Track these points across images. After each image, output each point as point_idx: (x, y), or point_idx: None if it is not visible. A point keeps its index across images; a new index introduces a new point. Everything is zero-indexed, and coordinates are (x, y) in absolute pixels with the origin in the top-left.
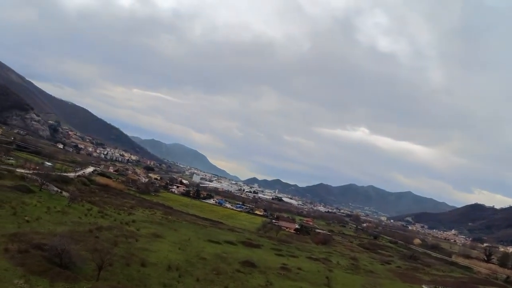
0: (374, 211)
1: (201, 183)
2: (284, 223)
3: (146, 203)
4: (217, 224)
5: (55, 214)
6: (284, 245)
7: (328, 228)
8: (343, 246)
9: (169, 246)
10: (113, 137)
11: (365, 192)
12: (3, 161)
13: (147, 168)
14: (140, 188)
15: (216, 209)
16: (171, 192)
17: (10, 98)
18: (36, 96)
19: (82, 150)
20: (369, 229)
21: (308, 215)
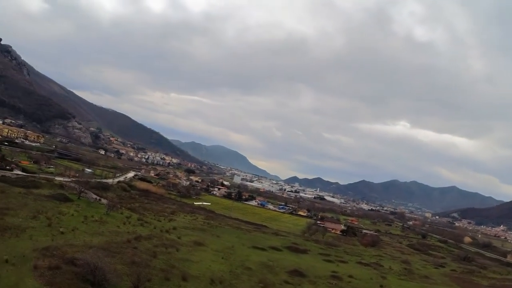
0: (418, 207)
1: (242, 184)
2: (329, 224)
3: (187, 207)
4: (261, 228)
5: (92, 224)
6: (332, 249)
7: (374, 227)
8: (392, 247)
9: (212, 255)
10: (153, 141)
11: (407, 188)
12: (43, 169)
13: (188, 171)
14: (181, 191)
15: (259, 211)
16: (212, 194)
17: (53, 108)
18: (77, 105)
19: (124, 155)
20: (415, 227)
21: (352, 214)
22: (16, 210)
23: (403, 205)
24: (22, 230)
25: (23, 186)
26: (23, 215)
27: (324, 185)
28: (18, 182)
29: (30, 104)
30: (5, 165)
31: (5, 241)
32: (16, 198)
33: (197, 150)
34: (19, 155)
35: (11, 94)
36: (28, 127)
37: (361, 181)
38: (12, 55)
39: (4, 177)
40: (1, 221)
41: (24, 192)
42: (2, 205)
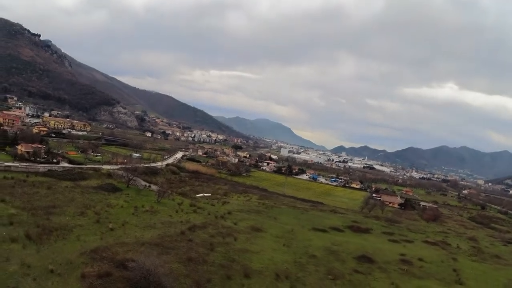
0: (468, 174)
1: (290, 157)
2: (386, 197)
3: (239, 187)
4: (317, 205)
5: (142, 215)
6: (394, 226)
7: (430, 198)
8: (454, 221)
9: (272, 243)
10: (198, 119)
11: (457, 154)
12: (90, 158)
13: (235, 147)
14: (230, 170)
15: (311, 186)
16: (262, 170)
17: (97, 96)
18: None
19: (170, 135)
20: (471, 196)
21: (404, 183)
22: (63, 207)
23: (453, 172)
24: (69, 230)
25: (70, 179)
26: (70, 212)
27: (371, 153)
28: (65, 175)
29: (75, 94)
30: (52, 158)
31: (51, 245)
32: (63, 193)
33: (241, 124)
34: (66, 145)
35: (55, 86)
36: (75, 117)
37: (409, 148)
38: (53, 49)
39: (51, 171)
40: (47, 221)
41: (71, 185)
42: (49, 203)
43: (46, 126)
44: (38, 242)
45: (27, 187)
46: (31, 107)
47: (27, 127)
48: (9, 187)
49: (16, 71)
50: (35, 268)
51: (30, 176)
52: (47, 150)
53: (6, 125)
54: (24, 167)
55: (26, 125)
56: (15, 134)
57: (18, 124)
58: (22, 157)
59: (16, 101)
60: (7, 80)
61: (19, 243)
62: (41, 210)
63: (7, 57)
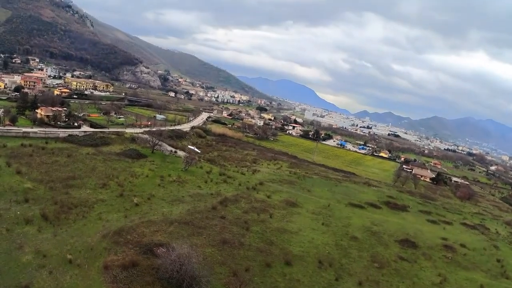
0: (493, 148)
1: (314, 120)
2: (417, 170)
3: (268, 152)
4: (350, 176)
5: (169, 187)
6: (430, 204)
7: (459, 173)
8: (487, 201)
9: (310, 220)
10: (221, 79)
11: (483, 127)
12: (113, 120)
13: (260, 109)
14: (257, 133)
15: (340, 153)
16: (288, 134)
17: (119, 56)
18: (143, 50)
19: (193, 95)
20: (500, 174)
21: (431, 154)
22: (83, 178)
23: (477, 145)
24: (90, 207)
25: (91, 145)
26: (91, 184)
27: (395, 120)
28: (86, 140)
29: (97, 55)
30: (73, 121)
31: (70, 227)
32: (83, 161)
33: (264, 85)
34: (88, 107)
35: (77, 47)
36: (97, 77)
37: (433, 117)
38: (74, 9)
39: (72, 136)
40: (66, 197)
41: (92, 152)
42: (68, 173)
43: (68, 87)
44: (55, 223)
45: (46, 155)
46: (53, 68)
47: (48, 89)
48: (27, 156)
49: (37, 33)
50: (51, 257)
51: (49, 142)
52: (68, 113)
53: (28, 88)
54: (43, 132)
55: (47, 87)
56: (35, 97)
57: (39, 86)
58: (42, 121)
59: (38, 62)
60: (29, 42)
61: (34, 225)
62: (60, 183)
63: (28, 18)
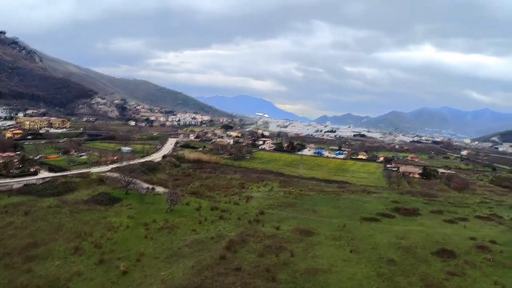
0: (452, 133)
1: (280, 132)
2: (405, 167)
3: (251, 173)
4: (344, 185)
5: (159, 237)
6: (435, 202)
7: (438, 164)
8: (482, 188)
9: (335, 249)
10: (180, 102)
11: (439, 115)
12: (74, 160)
13: (225, 127)
14: (232, 153)
15: (321, 162)
16: (262, 149)
17: (73, 89)
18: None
19: (155, 122)
20: (473, 158)
21: (401, 149)
22: (48, 243)
23: (437, 133)
24: None
25: (53, 194)
26: (59, 251)
27: (355, 120)
28: (46, 189)
29: (49, 90)
30: (28, 167)
31: None
32: (46, 218)
33: (222, 103)
34: (45, 148)
35: (27, 84)
36: (52, 114)
37: (391, 112)
38: (20, 45)
39: (28, 186)
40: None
41: (55, 204)
42: (28, 238)
43: (21, 128)
44: None
45: None
46: (3, 109)
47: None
48: None
49: None
50: None
51: (1, 197)
52: (22, 158)
53: None
54: None
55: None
56: None
57: None
58: None
59: None
60: None
61: None
62: (18, 255)
63: None
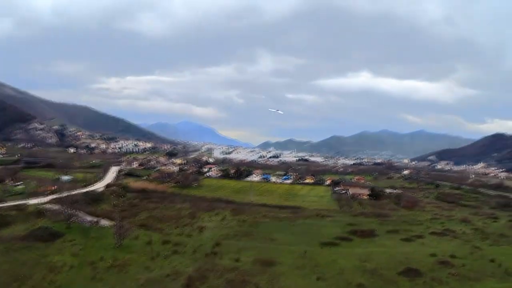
0: (391, 154)
1: (225, 158)
2: (354, 189)
3: (201, 202)
4: (297, 210)
5: (108, 277)
6: (389, 221)
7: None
8: (430, 204)
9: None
10: (121, 129)
11: (378, 137)
12: (10, 190)
13: (170, 154)
14: (179, 181)
15: (270, 188)
16: (208, 177)
17: (9, 112)
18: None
19: (96, 149)
20: (416, 176)
21: (346, 171)
22: None
23: (377, 155)
24: None
25: None
26: None
27: (297, 146)
28: None
29: None
30: None
31: None
32: None
33: (164, 130)
34: None
35: None
36: None
37: (332, 137)
38: None
39: None
40: None
41: None
42: None
43: None
44: None
45: None
46: None
47: None
48: None
49: None
50: None
51: None
52: None
53: None
54: None
55: None
56: None
57: None
58: None
59: None
60: None
61: None
62: None
63: None
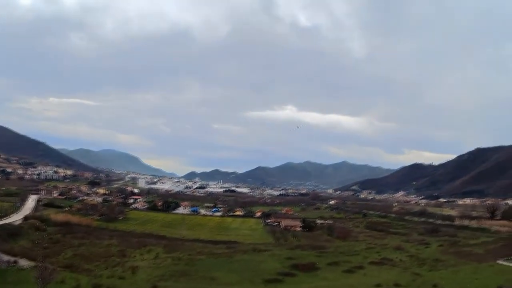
0: (315, 185)
1: (151, 188)
2: (286, 221)
3: (130, 238)
4: (233, 245)
5: None
6: (327, 253)
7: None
8: (362, 234)
9: None
10: (41, 153)
11: (302, 168)
12: None
13: (92, 183)
14: (104, 214)
15: (200, 221)
16: (135, 209)
17: None
18: None
19: (12, 174)
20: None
21: (273, 203)
22: None
23: (301, 185)
24: None
25: None
26: None
27: (223, 176)
28: None
29: None
30: None
31: None
32: None
33: (86, 156)
34: None
35: None
36: None
37: (258, 168)
38: None
39: None
40: None
41: None
42: None
43: None
44: None
45: None
46: None
47: None
48: None
49: None
50: None
51: None
52: None
53: None
54: None
55: None
56: None
57: None
58: None
59: None
60: None
61: None
62: None
63: None
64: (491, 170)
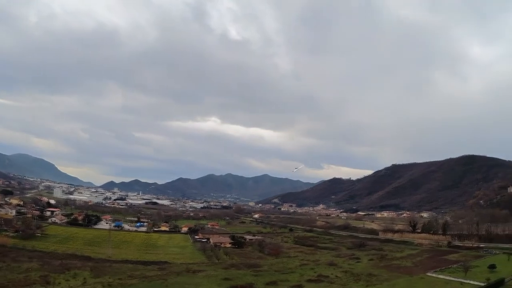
0: (236, 197)
1: (68, 199)
2: (215, 238)
3: (52, 260)
4: (164, 266)
5: None
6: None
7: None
8: (292, 250)
9: None
10: None
11: (224, 181)
12: None
13: (4, 193)
14: (20, 229)
15: (126, 237)
16: (54, 223)
17: None
18: None
19: None
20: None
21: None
22: None
23: (222, 197)
24: None
25: None
26: None
27: (142, 187)
28: None
29: None
30: None
31: None
32: None
33: None
34: None
35: None
36: None
37: (179, 179)
38: None
39: None
40: None
41: None
42: None
43: None
44: None
45: None
46: None
47: None
48: None
49: None
50: None
51: None
52: None
53: None
54: None
55: None
56: None
57: None
58: None
59: None
60: None
61: None
62: None
63: None
64: (406, 185)
